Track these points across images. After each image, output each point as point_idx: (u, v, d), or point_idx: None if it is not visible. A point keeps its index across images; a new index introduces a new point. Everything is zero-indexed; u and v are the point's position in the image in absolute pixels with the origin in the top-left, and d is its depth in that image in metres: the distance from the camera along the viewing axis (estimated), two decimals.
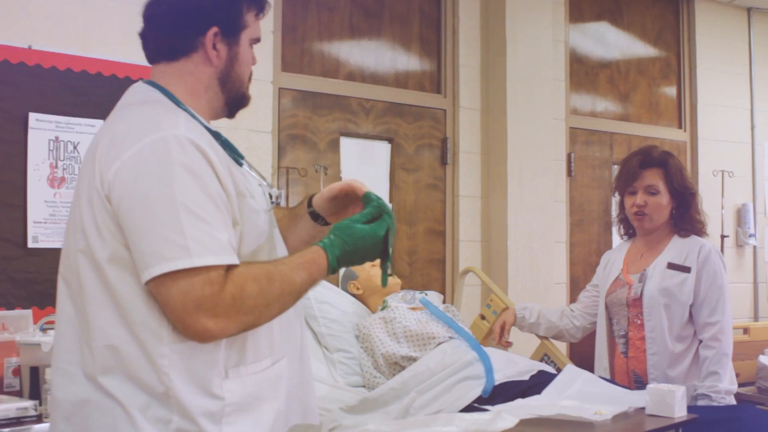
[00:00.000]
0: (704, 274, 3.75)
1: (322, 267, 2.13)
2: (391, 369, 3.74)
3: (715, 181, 6.81)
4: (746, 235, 6.98)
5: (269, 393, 2.17)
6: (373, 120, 5.41)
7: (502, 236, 5.58)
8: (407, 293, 4.15)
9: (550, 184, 5.82)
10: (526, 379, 3.49)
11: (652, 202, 3.85)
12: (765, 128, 7.31)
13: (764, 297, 7.19)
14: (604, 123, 6.48)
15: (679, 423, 2.74)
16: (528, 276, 5.58)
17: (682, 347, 3.75)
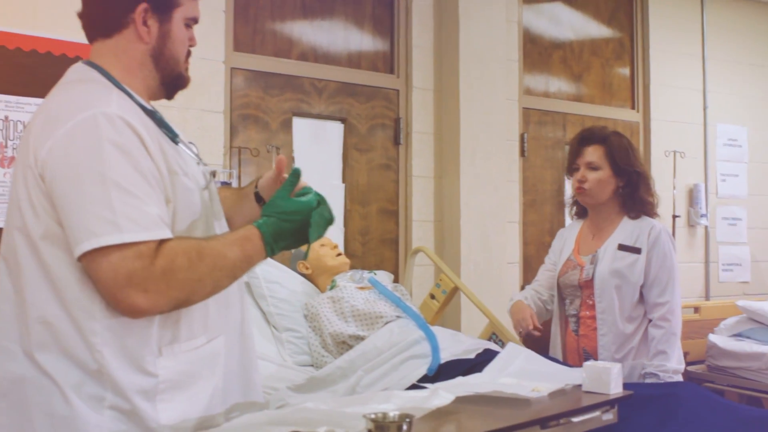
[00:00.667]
0: (654, 255, 3.79)
1: (257, 245, 2.14)
2: (339, 348, 3.76)
3: (667, 162, 6.87)
4: (698, 215, 7.04)
5: (205, 371, 2.19)
6: (326, 100, 5.42)
7: (454, 216, 5.60)
8: (356, 273, 4.18)
9: (503, 164, 5.84)
10: (472, 357, 3.52)
11: (592, 177, 3.87)
12: (717, 109, 7.37)
13: (715, 277, 7.26)
14: (557, 103, 6.51)
15: (614, 399, 2.78)
16: (481, 255, 5.61)
17: (632, 327, 3.80)
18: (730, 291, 7.31)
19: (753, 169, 7.59)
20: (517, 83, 6.16)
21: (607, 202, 3.93)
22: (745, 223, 7.50)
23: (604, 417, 2.76)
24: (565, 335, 3.99)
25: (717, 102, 7.38)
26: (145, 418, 2.05)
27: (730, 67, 7.54)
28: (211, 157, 4.83)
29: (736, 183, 7.46)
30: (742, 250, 7.46)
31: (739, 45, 7.61)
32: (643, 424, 2.94)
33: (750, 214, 7.53)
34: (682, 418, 3.02)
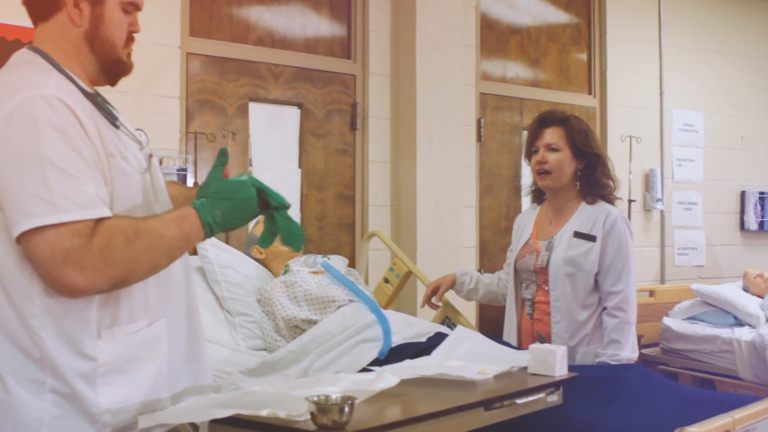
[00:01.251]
0: (609, 243, 3.75)
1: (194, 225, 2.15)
2: (292, 332, 3.78)
3: (623, 147, 6.92)
4: (654, 199, 7.11)
5: (147, 354, 2.20)
6: (283, 85, 5.42)
7: (411, 201, 5.63)
8: (309, 257, 4.19)
9: (459, 149, 5.87)
10: (423, 341, 3.54)
11: (553, 158, 3.83)
12: (673, 95, 7.44)
13: (670, 260, 7.34)
14: (514, 89, 6.55)
15: (559, 381, 2.81)
16: (437, 240, 5.64)
17: (585, 314, 3.77)
18: (686, 275, 7.39)
19: (708, 154, 7.68)
20: (474, 68, 6.18)
21: (566, 186, 3.90)
22: (701, 208, 7.59)
23: (549, 399, 2.79)
24: (521, 319, 4.00)
25: (673, 87, 7.45)
26: (85, 402, 2.06)
27: (687, 52, 7.62)
28: (167, 143, 4.83)
29: (692, 168, 7.54)
30: (697, 235, 7.54)
31: (695, 31, 7.68)
32: (589, 405, 2.98)
33: (705, 199, 7.61)
34: (628, 399, 3.06)
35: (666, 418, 2.80)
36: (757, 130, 8.06)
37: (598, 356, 3.70)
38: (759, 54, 8.14)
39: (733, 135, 7.88)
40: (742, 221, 7.89)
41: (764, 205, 7.94)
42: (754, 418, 2.87)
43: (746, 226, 7.87)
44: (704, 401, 3.11)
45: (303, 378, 3.32)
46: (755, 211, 7.86)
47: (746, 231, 7.91)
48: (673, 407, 3.04)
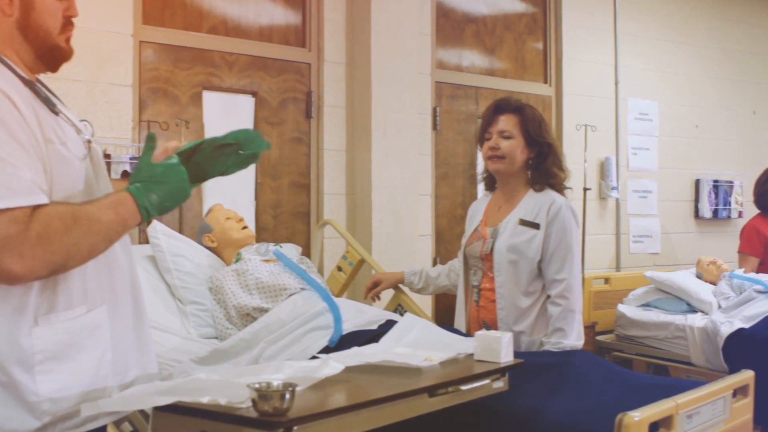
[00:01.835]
0: (553, 231, 3.77)
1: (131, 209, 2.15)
2: (243, 320, 3.78)
3: (578, 135, 6.95)
4: (609, 187, 7.16)
5: (87, 341, 2.19)
6: (237, 74, 5.41)
7: (366, 189, 5.64)
8: (261, 246, 4.20)
9: (415, 137, 5.88)
10: (374, 328, 3.56)
11: (506, 145, 3.85)
12: (628, 84, 7.49)
13: (626, 248, 7.40)
14: (469, 77, 6.56)
15: (504, 367, 2.83)
16: (392, 228, 5.65)
17: (529, 302, 3.79)
18: (641, 262, 7.45)
19: (663, 142, 7.74)
20: (429, 57, 6.19)
21: (516, 173, 3.92)
22: (656, 196, 7.65)
23: (495, 385, 2.81)
24: (469, 306, 4.03)
25: (628, 77, 7.50)
26: (23, 390, 2.05)
27: (642, 42, 7.67)
28: (120, 132, 4.81)
29: (647, 156, 7.60)
30: (652, 222, 7.60)
31: (650, 20, 7.73)
32: (535, 391, 3.00)
33: (660, 187, 7.67)
34: (574, 385, 3.08)
35: (611, 403, 2.82)
36: (712, 119, 8.14)
37: (543, 344, 3.72)
38: (713, 43, 8.21)
39: (687, 124, 7.95)
40: (697, 209, 7.96)
41: (718, 193, 8.02)
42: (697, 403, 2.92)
43: (700, 213, 7.94)
44: (650, 387, 3.13)
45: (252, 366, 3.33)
46: (709, 199, 7.94)
47: (700, 219, 7.98)
48: (619, 393, 3.07)
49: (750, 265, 6.54)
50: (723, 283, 6.16)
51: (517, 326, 3.78)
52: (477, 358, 2.87)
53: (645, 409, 2.65)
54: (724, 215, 8.06)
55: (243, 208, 5.26)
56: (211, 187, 5.16)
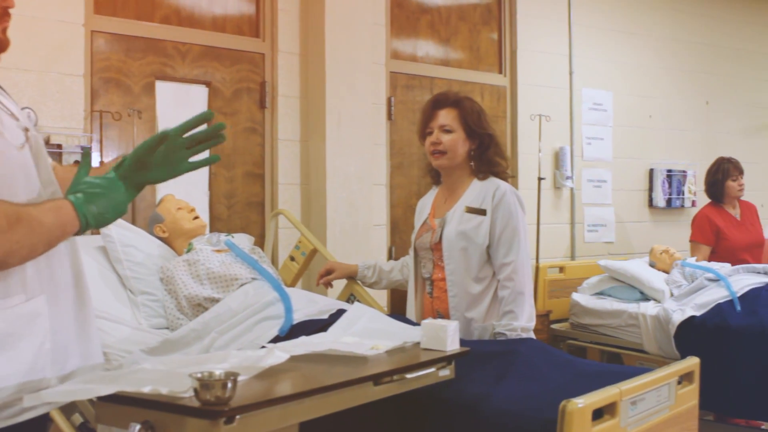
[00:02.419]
0: (499, 216, 3.82)
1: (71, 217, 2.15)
2: (195, 311, 3.78)
3: (533, 125, 6.99)
4: (563, 177, 7.20)
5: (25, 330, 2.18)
6: (190, 64, 5.39)
7: (320, 179, 5.64)
8: (213, 236, 4.20)
9: (369, 127, 5.89)
10: (325, 318, 3.57)
11: (447, 139, 3.91)
12: (583, 74, 7.53)
13: (580, 237, 7.45)
14: (424, 68, 6.58)
15: (451, 356, 2.86)
16: (347, 218, 5.67)
17: (480, 288, 3.83)
18: (595, 251, 7.51)
19: (618, 132, 7.79)
20: (384, 47, 6.20)
21: (459, 165, 3.97)
22: (610, 185, 7.70)
23: (441, 373, 2.83)
24: (422, 298, 4.06)
25: (583, 67, 7.54)
26: None
27: (596, 32, 7.71)
28: (72, 122, 4.79)
29: (601, 146, 7.65)
30: (606, 212, 7.66)
31: (604, 11, 7.78)
32: (482, 379, 3.03)
33: (615, 177, 7.73)
34: (521, 372, 3.11)
35: (557, 390, 2.85)
36: (665, 109, 8.20)
37: (495, 328, 3.75)
38: (667, 34, 8.27)
39: (641, 114, 8.01)
40: (651, 198, 8.03)
41: (672, 183, 8.09)
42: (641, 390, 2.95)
43: (654, 203, 8.01)
44: (597, 374, 3.17)
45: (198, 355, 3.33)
46: (663, 188, 8.01)
47: (654, 208, 8.05)
48: (566, 380, 3.10)
49: (702, 254, 6.61)
50: (675, 271, 6.23)
51: (470, 313, 3.83)
52: (423, 346, 2.89)
53: (589, 396, 2.68)
54: (677, 204, 8.14)
55: (197, 198, 5.25)
56: None
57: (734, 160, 6.85)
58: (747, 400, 5.32)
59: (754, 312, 5.44)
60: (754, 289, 5.69)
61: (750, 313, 5.45)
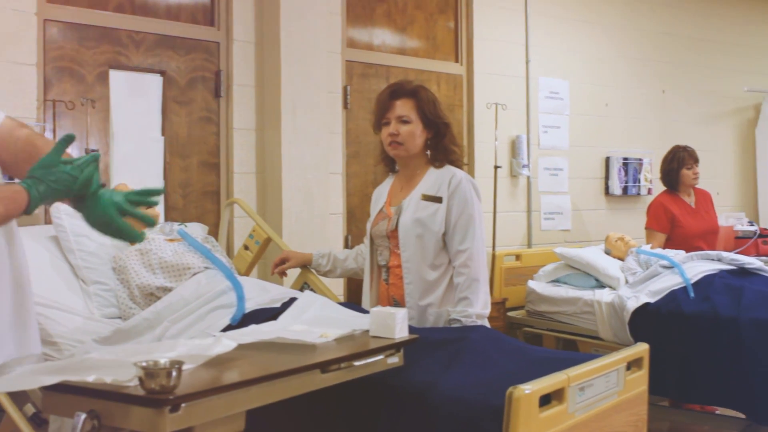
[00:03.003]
0: (455, 203, 3.86)
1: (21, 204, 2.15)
2: (147, 300, 3.78)
3: (489, 114, 7.00)
4: (520, 165, 7.23)
5: None
6: (144, 53, 5.36)
7: (276, 168, 5.63)
8: (166, 225, 4.20)
9: (325, 116, 5.88)
10: (277, 306, 3.58)
11: (405, 130, 3.94)
12: (539, 63, 7.55)
13: (537, 225, 7.48)
14: (381, 56, 6.57)
15: (399, 343, 2.87)
16: (303, 207, 5.66)
17: (436, 275, 3.87)
18: (552, 239, 7.55)
19: (574, 121, 7.83)
20: (340, 36, 6.19)
21: (416, 155, 4.01)
22: (567, 174, 7.74)
23: (390, 360, 2.85)
24: (378, 286, 4.08)
25: (539, 56, 7.57)
26: None
27: (553, 21, 7.74)
28: (24, 111, 4.75)
29: (558, 135, 7.69)
30: (563, 200, 7.70)
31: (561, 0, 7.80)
32: (432, 366, 3.04)
33: (571, 165, 7.77)
34: (471, 359, 3.13)
35: (507, 377, 2.86)
36: (621, 98, 8.25)
37: (450, 314, 3.78)
38: (623, 23, 8.32)
39: (597, 102, 8.05)
40: (607, 186, 8.08)
41: (628, 171, 8.14)
42: (589, 375, 2.98)
43: (611, 191, 8.06)
44: (548, 360, 3.19)
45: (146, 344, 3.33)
46: (619, 176, 8.06)
47: (611, 196, 8.10)
48: (516, 367, 3.12)
49: (657, 241, 6.67)
50: (630, 258, 6.28)
51: (425, 299, 3.86)
52: (372, 334, 2.90)
53: (536, 382, 2.70)
54: (633, 192, 8.20)
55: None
56: (118, 167, 5.13)
57: (689, 149, 6.91)
58: (701, 385, 5.38)
59: (707, 298, 5.49)
60: (708, 276, 5.74)
61: (703, 299, 5.50)
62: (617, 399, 3.19)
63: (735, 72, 9.29)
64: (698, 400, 5.86)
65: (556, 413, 2.78)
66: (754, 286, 5.58)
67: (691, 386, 5.46)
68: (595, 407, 3.01)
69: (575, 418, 2.88)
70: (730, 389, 5.22)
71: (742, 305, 5.31)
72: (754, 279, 5.77)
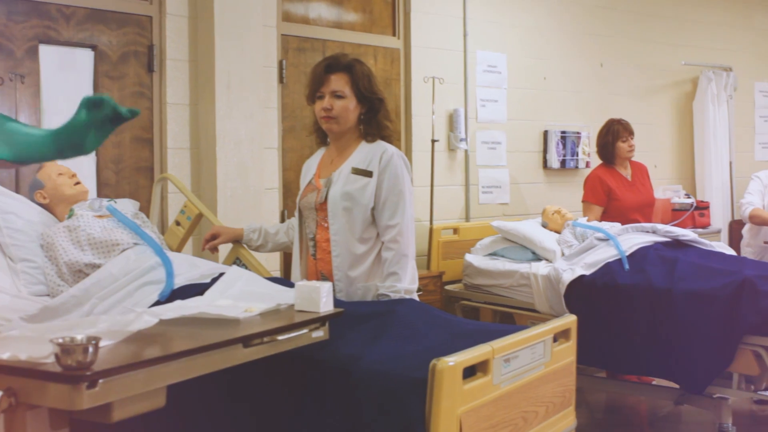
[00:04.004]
0: (385, 178, 3.87)
1: None
2: (75, 277, 3.76)
3: (426, 87, 7.00)
4: (457, 139, 7.23)
5: None
6: (75, 27, 5.29)
7: (210, 143, 5.59)
8: (95, 201, 4.16)
9: (260, 91, 5.85)
10: (207, 282, 3.58)
11: (339, 105, 3.92)
12: (477, 36, 7.55)
13: (475, 199, 7.50)
14: (317, 30, 6.53)
15: (324, 317, 2.88)
16: (238, 182, 5.63)
17: (364, 248, 3.88)
18: (490, 212, 7.57)
19: (512, 94, 7.84)
20: (275, 9, 6.14)
21: (349, 129, 4.01)
22: (505, 147, 7.75)
23: (314, 334, 2.85)
24: (307, 259, 4.08)
25: (477, 29, 7.56)
26: None
27: None
28: None
29: (496, 108, 7.70)
30: (501, 173, 7.72)
31: None
32: (358, 339, 3.06)
33: (509, 138, 7.78)
34: (398, 332, 3.15)
35: (433, 350, 2.88)
36: (559, 72, 8.27)
37: (378, 289, 3.79)
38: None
39: (535, 76, 8.06)
40: (545, 160, 8.11)
41: (566, 144, 8.18)
42: (514, 347, 3.01)
43: (549, 164, 8.09)
44: (476, 333, 3.21)
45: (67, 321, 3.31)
46: (557, 149, 8.10)
47: (549, 169, 8.13)
48: (443, 339, 3.14)
49: (594, 214, 6.72)
50: (566, 231, 6.32)
51: (353, 272, 3.87)
52: (297, 308, 2.91)
53: (460, 354, 2.73)
54: (571, 165, 8.24)
55: (83, 164, 5.18)
56: None
57: (624, 122, 6.96)
58: (636, 356, 5.44)
59: (641, 270, 5.54)
60: (643, 248, 5.80)
61: (638, 271, 5.56)
62: (544, 370, 3.23)
63: (672, 46, 9.36)
64: (632, 371, 5.93)
65: (481, 385, 2.81)
66: (687, 257, 5.64)
67: (626, 357, 5.53)
68: (521, 378, 3.05)
69: (500, 390, 2.91)
70: (664, 360, 5.29)
71: (675, 276, 5.37)
72: (688, 251, 5.84)
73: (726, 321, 5.01)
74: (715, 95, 9.44)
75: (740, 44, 10.00)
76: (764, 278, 5.11)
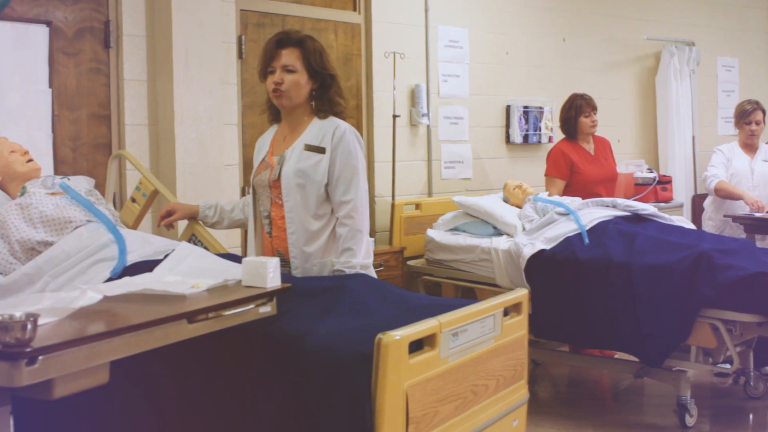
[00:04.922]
0: (338, 155, 3.87)
1: None
2: (28, 255, 3.73)
3: (387, 63, 6.98)
4: (419, 114, 7.23)
5: None
6: (29, 2, 5.22)
7: (168, 120, 5.56)
8: (48, 179, 4.13)
9: (219, 66, 5.82)
10: (160, 258, 3.57)
11: (289, 79, 3.92)
12: (438, 11, 7.52)
13: (437, 174, 7.50)
14: (276, 5, 6.49)
15: (271, 292, 2.88)
16: (197, 159, 5.61)
17: (319, 225, 3.88)
18: (453, 188, 7.57)
19: (474, 69, 7.83)
20: None
21: (301, 105, 4.01)
22: (467, 122, 7.75)
23: (261, 310, 2.85)
24: (262, 236, 4.08)
25: (438, 4, 7.53)
26: None
27: None
28: None
29: (458, 83, 7.69)
30: (463, 148, 7.73)
31: None
32: (306, 315, 3.06)
33: (471, 113, 7.78)
34: (348, 307, 3.15)
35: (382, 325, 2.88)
36: (521, 47, 8.26)
37: (334, 265, 3.80)
38: None
39: (498, 51, 8.05)
40: (508, 135, 8.11)
41: (528, 119, 8.19)
42: (463, 321, 3.02)
43: (511, 139, 8.10)
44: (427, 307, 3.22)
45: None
46: (520, 124, 8.11)
47: (511, 144, 8.14)
48: (393, 314, 3.15)
49: (556, 188, 6.75)
50: (527, 206, 6.35)
51: (308, 248, 3.87)
52: (244, 284, 2.91)
53: (406, 328, 2.74)
54: (534, 140, 8.25)
55: (39, 141, 5.15)
56: (4, 120, 5.02)
57: (587, 97, 6.98)
58: (597, 330, 5.49)
59: (601, 244, 5.59)
60: (602, 222, 5.85)
61: (597, 245, 5.60)
62: (494, 344, 3.24)
63: (635, 20, 9.37)
64: (592, 345, 5.99)
65: (428, 359, 2.81)
66: (647, 231, 5.69)
67: (586, 331, 5.57)
68: (470, 352, 3.06)
69: (448, 363, 2.92)
70: (623, 333, 5.34)
71: (634, 250, 5.42)
72: (647, 225, 5.89)
73: (683, 294, 5.06)
74: (678, 70, 9.47)
75: (703, 19, 10.03)
76: (721, 252, 5.16)
